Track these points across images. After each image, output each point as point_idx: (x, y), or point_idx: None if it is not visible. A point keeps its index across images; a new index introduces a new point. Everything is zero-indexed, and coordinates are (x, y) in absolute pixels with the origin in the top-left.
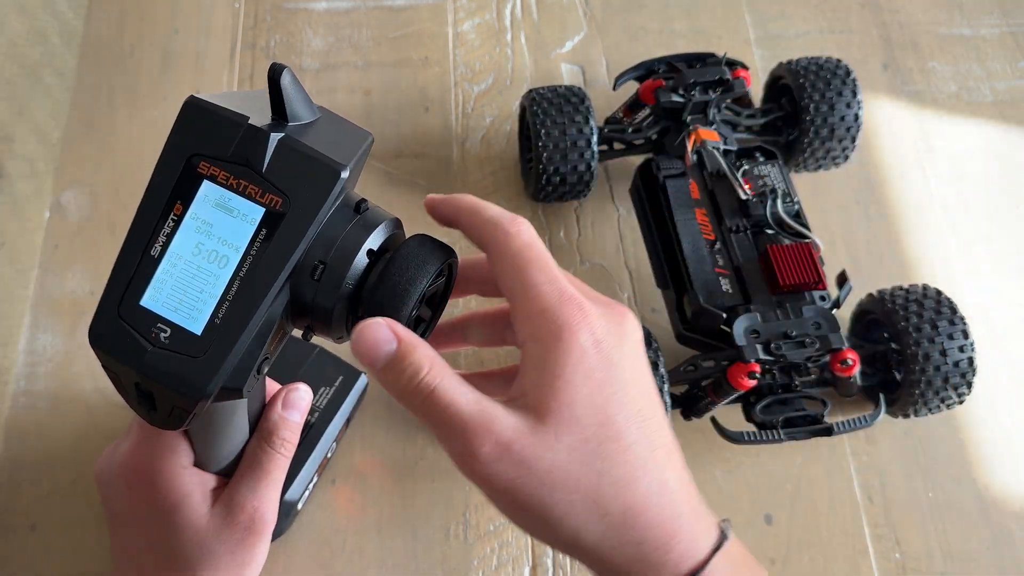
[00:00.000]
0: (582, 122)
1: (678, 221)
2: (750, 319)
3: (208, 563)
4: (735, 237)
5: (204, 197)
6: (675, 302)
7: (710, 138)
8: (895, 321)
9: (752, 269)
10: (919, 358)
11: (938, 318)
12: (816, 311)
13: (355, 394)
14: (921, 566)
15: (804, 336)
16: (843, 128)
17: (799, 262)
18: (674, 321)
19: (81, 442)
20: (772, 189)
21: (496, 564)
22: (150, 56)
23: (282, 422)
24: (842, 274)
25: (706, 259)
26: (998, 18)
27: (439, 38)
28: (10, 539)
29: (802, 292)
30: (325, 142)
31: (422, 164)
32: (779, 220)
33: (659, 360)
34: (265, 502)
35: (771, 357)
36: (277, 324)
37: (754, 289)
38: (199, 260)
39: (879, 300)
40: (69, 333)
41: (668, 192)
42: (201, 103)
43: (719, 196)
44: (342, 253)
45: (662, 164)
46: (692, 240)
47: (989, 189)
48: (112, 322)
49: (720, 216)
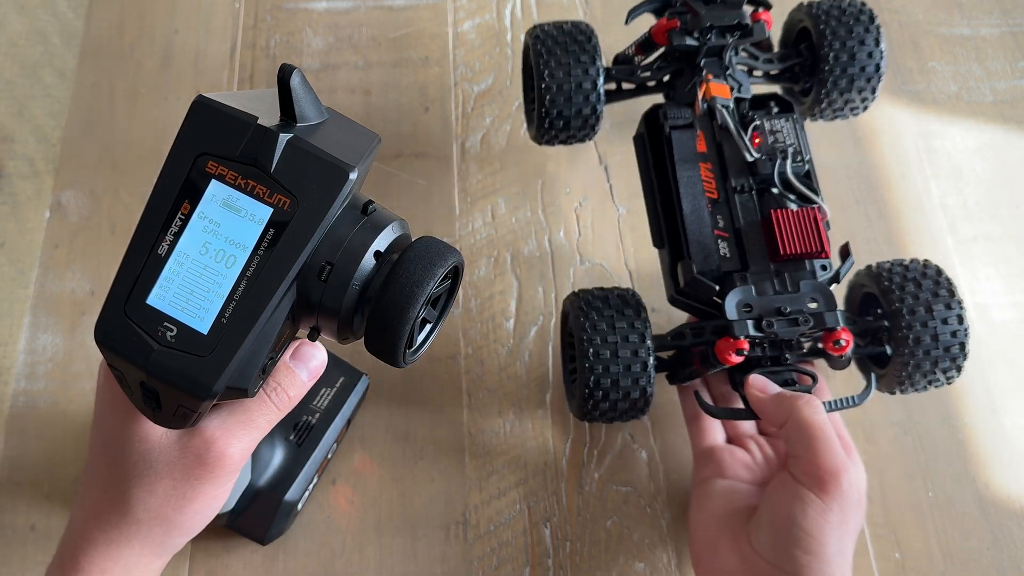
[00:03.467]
0: (588, 62)
1: (680, 178)
2: (744, 292)
3: (145, 479)
4: (739, 197)
5: (212, 197)
6: (669, 263)
7: (721, 94)
8: (890, 300)
9: (753, 233)
10: (910, 341)
11: (934, 301)
12: (813, 286)
13: (356, 395)
14: (921, 566)
15: (798, 313)
16: (863, 79)
17: (803, 229)
18: (667, 283)
19: (81, 442)
20: (783, 148)
21: (496, 564)
22: (150, 56)
23: (285, 369)
24: (845, 247)
25: (705, 221)
26: (998, 18)
27: (439, 38)
28: (10, 539)
29: (803, 260)
30: (334, 143)
31: (422, 164)
32: (786, 182)
33: (646, 332)
34: (232, 440)
35: (761, 334)
36: (283, 324)
37: (753, 255)
38: (206, 259)
39: (876, 276)
40: (69, 333)
41: (673, 145)
42: (210, 102)
43: (727, 151)
44: (349, 254)
45: (669, 113)
46: (693, 200)
47: (989, 189)
48: (118, 320)
49: (726, 172)
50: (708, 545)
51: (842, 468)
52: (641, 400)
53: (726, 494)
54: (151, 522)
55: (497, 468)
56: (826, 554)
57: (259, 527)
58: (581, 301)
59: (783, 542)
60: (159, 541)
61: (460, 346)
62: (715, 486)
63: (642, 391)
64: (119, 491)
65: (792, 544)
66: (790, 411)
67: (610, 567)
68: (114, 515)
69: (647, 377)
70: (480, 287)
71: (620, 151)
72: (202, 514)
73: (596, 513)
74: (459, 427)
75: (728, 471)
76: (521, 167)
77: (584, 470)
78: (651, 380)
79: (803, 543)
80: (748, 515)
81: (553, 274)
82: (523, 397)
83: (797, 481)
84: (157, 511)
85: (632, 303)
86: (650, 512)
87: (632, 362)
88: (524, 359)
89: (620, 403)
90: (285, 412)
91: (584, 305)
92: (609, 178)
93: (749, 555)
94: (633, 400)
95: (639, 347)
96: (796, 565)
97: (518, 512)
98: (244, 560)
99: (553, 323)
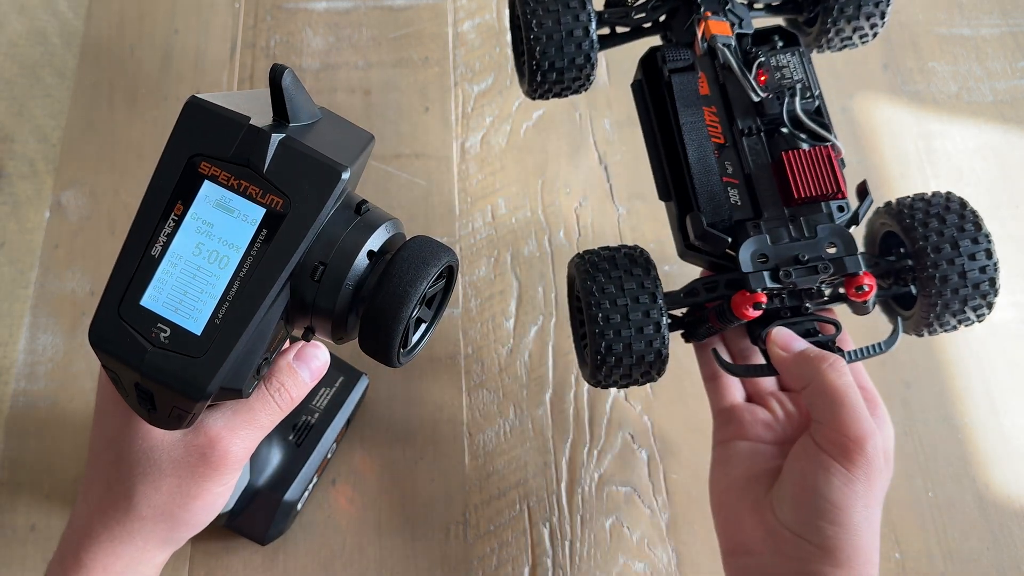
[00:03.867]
0: (578, 7)
1: (684, 125)
2: (758, 242)
3: (150, 477)
4: (747, 140)
5: (205, 197)
6: (677, 216)
7: (721, 32)
8: (914, 239)
9: (764, 177)
10: (936, 280)
11: (960, 236)
12: (831, 230)
13: (356, 395)
14: (921, 566)
15: (817, 260)
16: (871, 3)
17: (817, 169)
18: (677, 237)
19: (81, 442)
20: (790, 85)
21: (496, 564)
22: (150, 56)
23: (288, 369)
24: (863, 185)
25: (713, 168)
26: (998, 18)
27: (439, 38)
28: (10, 539)
29: (819, 203)
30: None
31: (422, 164)
32: (796, 120)
33: (657, 290)
34: (235, 438)
35: (779, 284)
36: (277, 325)
37: (765, 201)
38: (200, 260)
39: (897, 212)
40: (69, 333)
41: (674, 89)
42: (202, 103)
43: (731, 92)
44: (342, 254)
45: (668, 55)
46: (698, 146)
47: (989, 189)
48: (112, 322)
49: (732, 115)
50: (730, 514)
51: (867, 435)
52: (657, 362)
53: (748, 457)
54: (156, 519)
55: (497, 468)
56: (852, 523)
57: (259, 527)
58: (587, 263)
59: (807, 513)
60: (163, 537)
61: (460, 346)
62: (736, 448)
63: (656, 353)
64: (123, 488)
65: (817, 515)
66: (813, 374)
67: (610, 567)
68: (118, 512)
69: (661, 339)
70: (480, 287)
71: (620, 151)
72: (206, 511)
73: (596, 513)
74: (459, 427)
75: (749, 431)
76: (521, 167)
77: (584, 470)
78: (665, 341)
79: (828, 514)
80: (771, 478)
81: (553, 274)
82: (523, 397)
83: (820, 448)
84: (162, 508)
85: (640, 261)
86: (650, 512)
87: (644, 323)
88: (524, 359)
89: (634, 367)
90: (287, 411)
91: (590, 267)
92: (609, 178)
93: (773, 526)
94: (648, 363)
95: (650, 307)
96: (822, 536)
97: (518, 512)
98: (244, 560)
99: (554, 323)
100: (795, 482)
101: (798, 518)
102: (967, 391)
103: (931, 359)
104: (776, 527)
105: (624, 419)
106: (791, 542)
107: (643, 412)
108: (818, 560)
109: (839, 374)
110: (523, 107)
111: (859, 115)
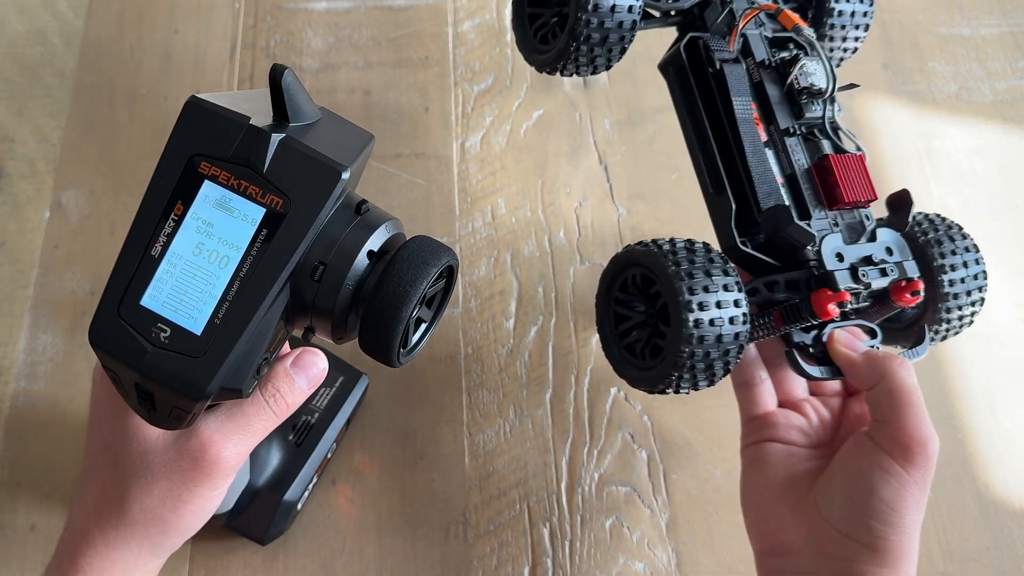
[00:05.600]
0: None
1: (739, 117)
2: (835, 240)
3: (142, 480)
4: (789, 141)
5: (205, 197)
6: (728, 211)
7: (768, 7)
8: (931, 256)
9: (806, 179)
10: (947, 296)
11: (965, 254)
12: (888, 236)
13: (355, 395)
14: (921, 566)
15: (884, 263)
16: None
17: (859, 175)
18: (722, 234)
19: (81, 442)
20: (819, 90)
21: (496, 564)
22: (150, 56)
23: (284, 375)
24: (905, 193)
25: (767, 163)
26: (998, 18)
27: (439, 38)
28: (10, 539)
29: (853, 210)
30: (326, 143)
31: (422, 164)
32: (836, 127)
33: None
34: (228, 444)
35: (859, 285)
36: (277, 325)
37: (811, 201)
38: (200, 260)
39: (911, 232)
40: (69, 333)
41: (727, 79)
42: (202, 103)
43: (769, 91)
44: (342, 254)
45: (712, 44)
46: (752, 140)
47: (989, 189)
48: (112, 322)
49: (769, 114)
50: (768, 515)
51: (930, 438)
52: (735, 357)
53: (785, 459)
54: (147, 523)
55: (497, 468)
56: (904, 525)
57: (259, 527)
58: (664, 252)
59: (859, 512)
60: (156, 542)
61: (460, 346)
62: (771, 451)
63: (739, 348)
64: (116, 492)
65: (869, 515)
66: (883, 373)
67: (610, 567)
68: (112, 516)
69: (746, 332)
70: (480, 287)
71: (620, 151)
72: (197, 516)
73: (596, 513)
74: (459, 427)
75: (784, 435)
76: (521, 167)
77: (584, 470)
78: (748, 334)
79: (882, 515)
80: (810, 480)
81: (553, 274)
82: (523, 397)
83: (879, 447)
84: (153, 512)
85: (714, 253)
86: (650, 512)
87: (735, 315)
88: (524, 359)
89: (716, 362)
90: (283, 419)
91: (671, 256)
92: (609, 178)
93: (817, 524)
94: (731, 358)
95: (739, 297)
96: (873, 537)
97: (518, 512)
98: (244, 560)
99: (554, 323)
100: (848, 481)
101: (847, 517)
102: (967, 391)
103: (931, 359)
104: (821, 526)
105: (624, 419)
106: (837, 541)
107: (643, 412)
108: (865, 560)
109: (908, 373)
110: (523, 107)
111: (859, 115)
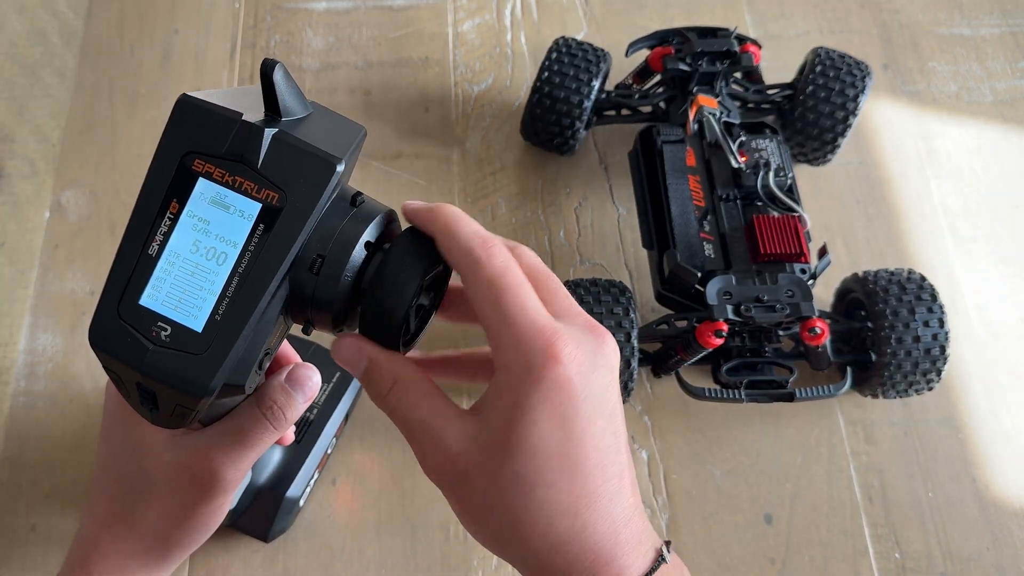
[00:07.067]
0: (587, 80)
1: (670, 185)
2: (724, 280)
3: (145, 497)
4: (724, 206)
5: (200, 194)
6: (657, 262)
7: (708, 104)
8: (874, 302)
9: (737, 238)
10: (892, 341)
11: (917, 304)
12: (790, 279)
13: (353, 389)
14: (921, 566)
15: (776, 301)
16: (835, 131)
17: (783, 233)
18: (654, 281)
19: (81, 442)
20: (766, 162)
21: (496, 564)
22: (150, 56)
23: (281, 391)
24: (823, 248)
25: (692, 223)
26: (998, 18)
27: (439, 38)
28: (10, 539)
29: (783, 264)
30: (319, 136)
31: (422, 164)
32: (769, 193)
33: (633, 327)
34: (228, 461)
35: (740, 318)
36: (277, 319)
37: (736, 256)
38: (197, 258)
39: (862, 280)
40: (69, 333)
41: (664, 157)
42: (194, 101)
43: (714, 166)
44: (340, 246)
45: (662, 130)
46: (681, 204)
47: (989, 189)
48: (112, 322)
49: (713, 185)
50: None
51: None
52: (570, 130)
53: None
54: (152, 536)
55: None
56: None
57: (262, 525)
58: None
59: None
60: (162, 554)
61: (460, 345)
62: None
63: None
64: (123, 504)
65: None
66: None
67: None
68: (121, 528)
69: (580, 111)
70: None
71: (620, 151)
72: (198, 531)
73: None
74: None
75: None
76: (521, 167)
77: None
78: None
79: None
80: None
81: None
82: None
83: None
84: (156, 527)
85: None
86: (650, 512)
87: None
88: None
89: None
90: (281, 433)
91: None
92: (609, 178)
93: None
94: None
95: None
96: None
97: None
98: (244, 560)
99: None
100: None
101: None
102: (967, 391)
103: None
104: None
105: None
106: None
107: (643, 412)
108: None
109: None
110: (523, 107)
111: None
